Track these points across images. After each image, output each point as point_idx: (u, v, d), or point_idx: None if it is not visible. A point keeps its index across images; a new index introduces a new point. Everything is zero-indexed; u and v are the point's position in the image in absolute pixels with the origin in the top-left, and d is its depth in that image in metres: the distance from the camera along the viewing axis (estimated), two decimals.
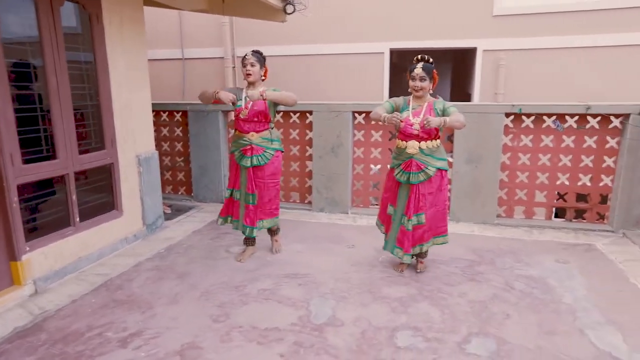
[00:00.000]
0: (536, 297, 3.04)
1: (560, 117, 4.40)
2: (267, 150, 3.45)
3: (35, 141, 3.13)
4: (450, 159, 4.74)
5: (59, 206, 3.38)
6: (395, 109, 3.24)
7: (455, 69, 10.14)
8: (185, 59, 7.77)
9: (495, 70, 6.43)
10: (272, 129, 3.53)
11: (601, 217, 4.56)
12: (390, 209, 3.39)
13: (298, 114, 5.17)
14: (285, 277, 3.38)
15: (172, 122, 5.63)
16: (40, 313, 2.82)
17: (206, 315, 2.80)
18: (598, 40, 6.09)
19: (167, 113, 5.61)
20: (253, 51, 3.43)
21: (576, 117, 4.37)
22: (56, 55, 3.16)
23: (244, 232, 3.63)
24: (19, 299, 2.96)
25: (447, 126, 3.02)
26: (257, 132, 3.43)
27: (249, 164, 3.43)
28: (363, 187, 5.16)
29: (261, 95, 3.36)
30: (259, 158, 3.43)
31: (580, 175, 4.50)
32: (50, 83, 3.13)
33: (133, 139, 4.03)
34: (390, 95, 7.51)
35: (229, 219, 3.67)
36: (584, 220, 4.60)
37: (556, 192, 4.62)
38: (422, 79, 3.09)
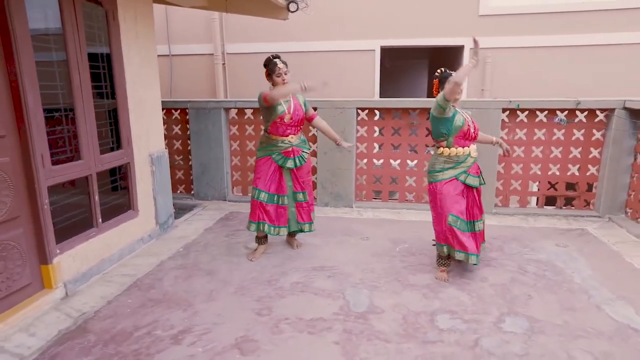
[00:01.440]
0: (550, 278, 3.31)
1: (552, 111, 4.73)
2: (304, 151, 3.62)
3: (61, 142, 3.06)
4: None
5: (81, 207, 3.32)
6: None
7: (432, 66, 10.49)
8: (173, 55, 7.62)
9: (482, 67, 6.75)
10: (302, 130, 3.70)
11: (588, 204, 4.94)
12: (459, 221, 3.18)
13: None
14: (313, 270, 3.48)
15: (170, 119, 5.56)
16: (79, 315, 2.79)
17: (248, 309, 2.87)
18: (578, 39, 6.54)
19: (164, 111, 5.53)
20: (279, 59, 3.50)
21: (566, 112, 4.71)
22: (79, 53, 3.10)
23: (302, 230, 3.77)
24: (52, 303, 2.90)
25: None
26: (295, 134, 3.57)
27: (292, 165, 3.54)
28: (366, 182, 5.31)
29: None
30: (300, 159, 3.57)
31: (570, 166, 4.85)
32: (74, 80, 3.06)
33: (147, 138, 3.99)
34: (382, 92, 7.71)
35: (264, 225, 3.58)
36: (573, 207, 4.97)
37: (547, 182, 4.96)
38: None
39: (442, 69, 3.28)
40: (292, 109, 3.51)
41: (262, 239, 3.74)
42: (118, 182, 3.78)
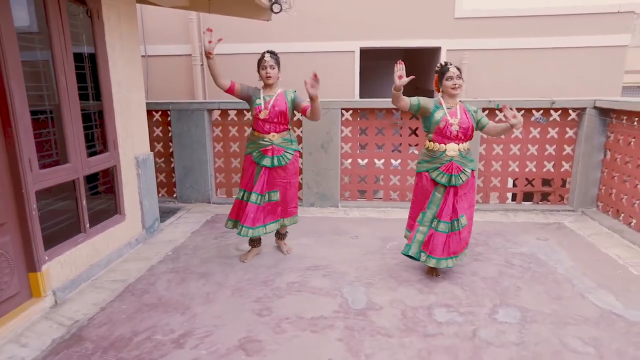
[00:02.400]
0: (535, 270, 3.45)
1: (528, 111, 4.93)
2: (287, 151, 3.45)
3: (47, 145, 2.96)
4: None
5: (67, 213, 3.21)
6: (422, 107, 3.13)
7: (408, 67, 10.69)
8: (148, 56, 7.45)
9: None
10: (290, 129, 3.52)
11: (562, 199, 5.18)
12: (419, 215, 3.25)
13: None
14: (308, 269, 3.50)
15: (150, 121, 5.43)
16: (72, 324, 2.70)
17: (248, 310, 2.86)
18: (550, 42, 6.86)
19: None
20: (270, 53, 3.38)
21: (541, 111, 4.93)
22: (64, 54, 3.00)
23: (258, 234, 3.46)
24: (41, 312, 2.80)
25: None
26: (278, 132, 3.42)
27: (269, 164, 3.40)
28: (351, 181, 5.37)
29: (316, 98, 3.15)
30: (280, 159, 3.42)
31: (545, 162, 5.08)
32: (60, 81, 2.97)
33: (132, 140, 3.90)
34: (362, 92, 7.80)
35: (238, 223, 3.50)
36: (549, 202, 5.20)
37: (525, 178, 5.17)
38: (458, 77, 3.08)
39: (443, 63, 3.20)
40: (271, 104, 3.34)
41: (255, 241, 3.70)
42: (99, 186, 3.68)
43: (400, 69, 2.91)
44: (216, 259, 3.71)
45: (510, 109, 2.97)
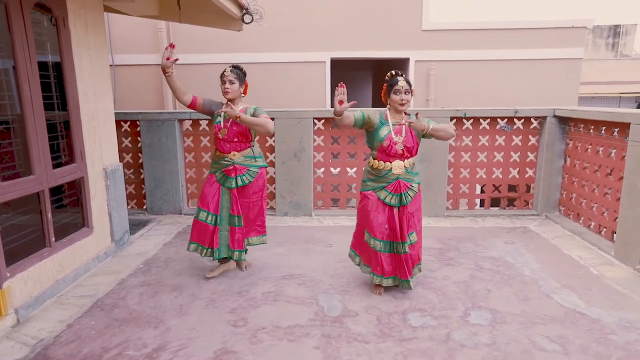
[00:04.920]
0: (504, 273, 3.57)
1: (493, 119, 5.13)
2: (250, 169, 3.31)
3: (9, 156, 2.84)
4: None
5: (30, 227, 3.09)
6: (368, 121, 2.95)
7: (376, 77, 10.93)
8: (116, 65, 7.30)
9: (426, 79, 7.16)
10: (254, 145, 3.37)
11: (527, 204, 5.38)
12: (367, 236, 3.11)
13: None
14: (283, 278, 3.49)
15: (119, 132, 5.31)
16: (36, 342, 2.58)
17: (223, 321, 2.82)
18: (512, 54, 7.19)
19: None
20: (232, 67, 3.25)
21: (506, 120, 5.13)
22: (28, 62, 2.91)
23: (230, 257, 3.42)
24: (2, 331, 2.66)
25: (431, 133, 2.88)
26: (239, 151, 3.28)
27: (234, 185, 3.27)
28: (324, 190, 5.41)
29: (237, 117, 3.07)
30: (243, 178, 3.29)
31: (510, 169, 5.28)
32: (23, 90, 2.87)
33: (100, 151, 3.80)
34: (333, 103, 7.89)
35: (200, 248, 3.39)
36: (515, 207, 5.40)
37: (492, 185, 5.35)
38: (407, 92, 2.91)
39: (392, 73, 3.00)
40: (230, 123, 3.20)
41: (223, 258, 3.50)
42: (65, 198, 3.56)
43: (341, 92, 2.65)
44: (189, 271, 3.65)
45: (410, 122, 2.81)
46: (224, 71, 3.22)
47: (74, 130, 3.43)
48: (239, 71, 3.27)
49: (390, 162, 2.98)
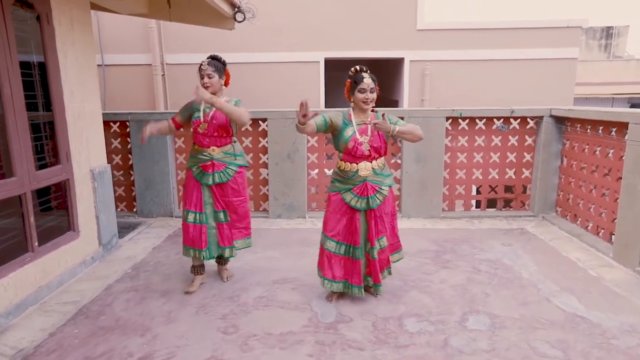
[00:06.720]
0: (501, 276, 3.49)
1: (490, 119, 5.07)
2: (229, 166, 3.15)
3: None
4: (399, 161, 5.16)
5: (14, 230, 2.97)
6: (331, 125, 2.83)
7: None
8: (106, 65, 7.17)
9: (421, 79, 7.10)
10: (235, 142, 3.22)
11: (524, 205, 5.32)
12: (337, 246, 2.96)
13: (250, 122, 5.15)
14: (275, 283, 3.39)
15: (108, 133, 5.19)
16: (15, 353, 2.47)
17: (213, 328, 2.72)
18: (507, 54, 7.15)
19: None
20: (210, 58, 3.06)
21: (502, 120, 5.07)
22: (9, 60, 2.80)
23: (223, 255, 3.29)
24: None
25: (397, 135, 2.75)
26: (219, 146, 3.12)
27: (210, 182, 3.12)
28: (318, 192, 5.32)
29: (211, 102, 2.91)
30: (221, 175, 3.13)
31: (507, 170, 5.22)
32: (4, 90, 2.75)
33: (87, 152, 3.69)
34: (327, 102, 7.81)
35: (197, 252, 3.21)
36: (511, 208, 5.33)
37: (488, 185, 5.28)
38: (372, 90, 2.77)
39: (357, 68, 2.85)
40: (210, 117, 3.06)
41: (197, 267, 3.29)
42: (51, 201, 3.45)
43: (304, 109, 2.52)
44: (179, 276, 3.54)
45: (375, 122, 2.69)
46: (201, 64, 3.04)
47: (58, 130, 3.32)
48: (218, 62, 3.08)
49: (357, 164, 2.83)
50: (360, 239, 2.93)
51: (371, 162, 2.85)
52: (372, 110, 2.93)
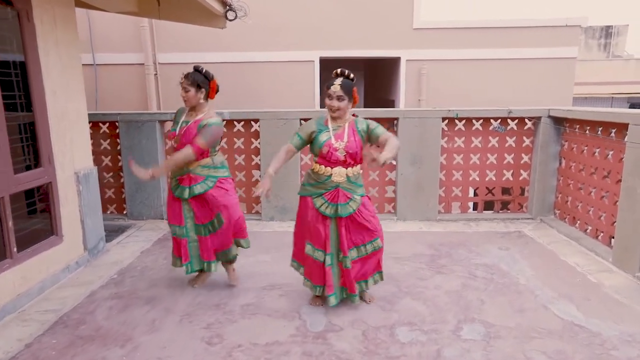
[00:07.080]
0: (498, 282, 3.39)
1: (486, 120, 4.96)
2: (208, 179, 3.02)
3: None
4: (394, 162, 5.05)
5: None
6: (306, 137, 2.78)
7: (368, 77, 10.76)
8: (97, 64, 7.06)
9: (418, 78, 6.99)
10: (214, 155, 3.08)
11: (521, 207, 5.22)
12: (309, 248, 2.88)
13: (242, 123, 5.05)
14: (264, 289, 3.29)
15: (97, 134, 5.09)
16: None
17: (197, 338, 2.61)
18: (505, 53, 7.04)
19: (91, 124, 5.03)
20: (194, 69, 3.00)
21: (499, 120, 4.97)
22: None
23: (204, 269, 3.21)
24: None
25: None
26: (196, 160, 2.98)
27: (186, 195, 3.02)
28: None
29: (152, 177, 2.96)
30: (197, 187, 3.00)
31: (504, 171, 5.11)
32: None
33: (71, 154, 3.58)
34: (322, 102, 7.71)
35: (178, 262, 3.19)
36: (509, 211, 5.23)
37: (485, 187, 5.18)
38: (339, 98, 2.67)
39: (337, 71, 2.76)
40: (182, 133, 2.97)
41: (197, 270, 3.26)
42: (36, 204, 3.34)
43: (264, 190, 2.66)
44: (166, 281, 3.43)
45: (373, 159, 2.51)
46: (181, 77, 2.98)
47: (40, 131, 3.21)
48: (197, 74, 2.98)
49: (332, 168, 2.73)
50: (331, 247, 2.82)
51: (346, 169, 2.75)
52: (354, 115, 2.88)
